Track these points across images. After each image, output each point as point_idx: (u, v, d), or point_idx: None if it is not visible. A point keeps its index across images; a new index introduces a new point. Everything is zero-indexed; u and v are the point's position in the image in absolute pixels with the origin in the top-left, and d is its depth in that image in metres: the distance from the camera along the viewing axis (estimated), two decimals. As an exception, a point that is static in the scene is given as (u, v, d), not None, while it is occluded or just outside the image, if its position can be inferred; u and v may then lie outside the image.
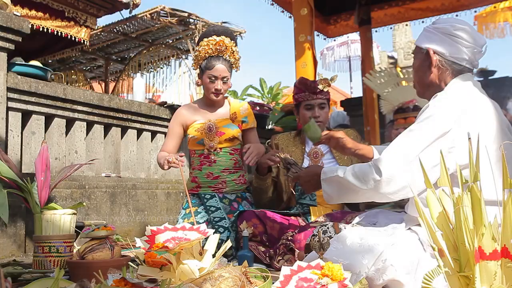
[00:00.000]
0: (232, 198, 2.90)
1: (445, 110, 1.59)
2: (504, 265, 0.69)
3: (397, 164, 1.57)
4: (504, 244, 0.69)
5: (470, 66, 1.75)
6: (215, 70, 2.83)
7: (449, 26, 1.73)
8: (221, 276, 1.07)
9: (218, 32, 2.92)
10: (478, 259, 0.68)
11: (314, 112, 2.74)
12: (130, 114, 4.56)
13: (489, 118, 1.61)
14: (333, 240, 1.57)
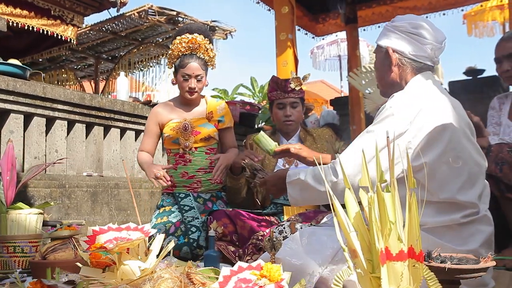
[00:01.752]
0: (206, 198, 2.88)
1: (401, 111, 1.57)
2: (410, 266, 0.68)
3: (355, 166, 1.55)
4: (411, 245, 0.67)
5: (430, 63, 1.74)
6: (188, 68, 2.80)
7: (407, 23, 1.72)
8: (160, 277, 1.06)
9: (191, 30, 2.90)
10: (385, 260, 0.67)
11: (286, 111, 2.72)
12: (113, 113, 4.54)
13: (446, 117, 1.59)
14: (288, 240, 1.55)
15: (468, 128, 1.67)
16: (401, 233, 0.67)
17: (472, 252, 1.50)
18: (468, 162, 1.57)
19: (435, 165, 1.53)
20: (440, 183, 1.52)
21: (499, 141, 2.30)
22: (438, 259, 1.12)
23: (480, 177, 1.61)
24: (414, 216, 0.68)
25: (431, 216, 1.53)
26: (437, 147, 1.54)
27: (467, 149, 1.59)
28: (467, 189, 1.53)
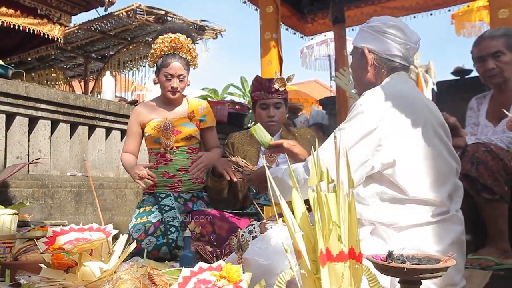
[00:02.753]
0: (187, 198, 2.87)
1: (370, 108, 1.58)
2: (352, 267, 0.67)
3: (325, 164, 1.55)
4: (351, 245, 0.67)
5: (405, 63, 1.75)
6: (171, 68, 2.80)
7: (382, 24, 1.73)
8: (120, 278, 1.05)
9: (173, 29, 2.89)
10: (326, 260, 0.67)
11: (269, 112, 2.72)
12: (98, 112, 4.51)
13: (416, 116, 1.59)
14: (257, 240, 1.55)
15: (441, 127, 1.68)
16: (343, 234, 0.66)
17: (441, 252, 1.50)
18: (438, 161, 1.57)
19: (404, 163, 1.53)
20: (410, 181, 1.53)
21: (476, 141, 2.31)
22: (399, 259, 1.12)
23: (451, 177, 1.62)
24: (354, 216, 0.68)
25: (401, 215, 1.53)
26: (406, 145, 1.55)
27: (438, 148, 1.59)
28: (437, 187, 1.54)
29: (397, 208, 1.53)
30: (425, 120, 1.59)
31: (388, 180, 1.55)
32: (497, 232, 2.21)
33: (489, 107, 2.57)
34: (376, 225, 1.55)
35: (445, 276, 1.50)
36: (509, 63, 2.44)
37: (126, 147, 2.97)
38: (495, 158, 2.16)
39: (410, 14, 6.50)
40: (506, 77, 2.47)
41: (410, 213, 1.52)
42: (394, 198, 1.54)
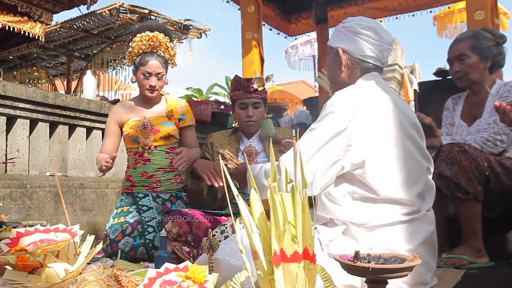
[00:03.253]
0: (166, 198, 2.85)
1: (340, 109, 1.58)
2: (306, 267, 0.67)
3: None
4: (305, 246, 0.67)
5: (378, 64, 1.76)
6: (149, 66, 2.78)
7: (356, 24, 1.74)
8: (84, 280, 1.04)
9: (151, 28, 2.88)
10: (280, 261, 0.66)
11: (247, 112, 2.71)
12: (79, 112, 4.47)
13: (387, 116, 1.60)
14: (229, 240, 1.54)
15: (414, 128, 1.69)
16: (298, 235, 0.66)
17: (412, 251, 1.51)
18: (408, 161, 1.58)
19: (374, 163, 1.54)
20: (380, 181, 1.53)
21: (451, 141, 2.33)
22: (365, 259, 1.13)
23: (422, 177, 1.63)
24: (307, 217, 0.68)
25: (372, 215, 1.53)
26: (376, 145, 1.55)
27: (409, 148, 1.60)
28: (407, 187, 1.55)
29: (368, 207, 1.54)
30: (396, 120, 1.60)
31: (359, 180, 1.56)
32: (470, 231, 2.23)
33: (464, 107, 2.60)
34: (348, 225, 1.55)
35: (416, 275, 1.51)
36: (474, 65, 2.46)
37: (103, 147, 2.94)
38: (469, 158, 2.19)
39: (392, 15, 6.54)
40: (472, 79, 2.49)
41: (381, 213, 1.53)
42: (365, 197, 1.55)
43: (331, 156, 1.55)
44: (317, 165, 1.54)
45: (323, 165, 1.54)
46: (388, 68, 17.23)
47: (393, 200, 1.54)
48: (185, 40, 9.06)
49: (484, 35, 2.47)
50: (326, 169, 1.55)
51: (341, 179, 1.59)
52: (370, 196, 1.54)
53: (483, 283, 1.86)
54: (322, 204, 1.62)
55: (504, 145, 2.32)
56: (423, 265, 1.55)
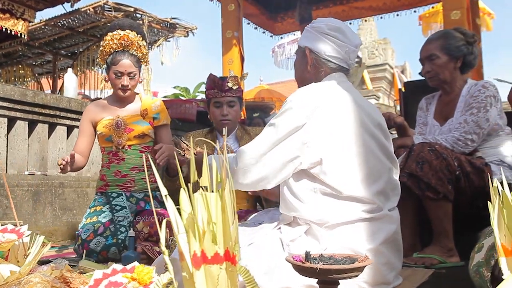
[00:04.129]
0: (139, 197, 2.83)
1: (299, 105, 1.59)
2: (228, 269, 0.66)
3: (252, 156, 1.56)
4: (227, 247, 0.66)
5: (344, 65, 1.76)
6: (120, 65, 2.74)
7: (324, 25, 1.75)
8: (29, 281, 1.02)
9: (123, 26, 2.83)
10: (201, 263, 0.65)
11: (222, 110, 2.69)
12: (59, 110, 4.43)
13: (347, 115, 1.61)
14: None
15: (378, 128, 1.68)
16: (219, 236, 0.65)
17: (373, 250, 1.51)
18: (369, 160, 1.58)
19: (332, 161, 1.54)
20: (339, 179, 1.53)
21: (423, 140, 2.33)
22: (315, 260, 1.12)
23: (384, 175, 1.63)
24: (228, 218, 0.67)
25: (332, 213, 1.53)
26: (334, 143, 1.55)
27: (370, 147, 1.60)
28: (367, 186, 1.55)
29: (328, 205, 1.54)
30: (356, 119, 1.60)
31: (318, 179, 1.55)
32: (441, 231, 2.23)
33: (436, 107, 2.60)
34: (310, 225, 1.55)
35: (377, 274, 1.51)
36: (443, 65, 2.45)
37: (75, 146, 2.89)
38: (439, 158, 2.19)
39: (377, 14, 6.55)
40: (442, 79, 2.49)
41: (342, 210, 1.53)
42: (326, 194, 1.55)
43: (289, 152, 1.55)
44: (274, 160, 1.54)
45: (280, 160, 1.54)
46: (379, 68, 17.26)
47: (353, 198, 1.54)
48: (172, 38, 9.03)
49: (454, 35, 2.47)
50: (283, 165, 1.55)
51: (303, 175, 1.58)
52: (331, 192, 1.54)
53: (449, 282, 1.86)
54: (284, 200, 1.62)
55: (474, 144, 2.32)
56: (386, 265, 1.55)
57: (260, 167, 1.55)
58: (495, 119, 2.34)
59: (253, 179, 1.57)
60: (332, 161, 1.53)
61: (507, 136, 2.40)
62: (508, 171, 2.29)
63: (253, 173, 1.56)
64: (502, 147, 2.37)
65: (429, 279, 1.87)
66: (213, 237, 0.64)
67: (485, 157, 2.34)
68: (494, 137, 2.38)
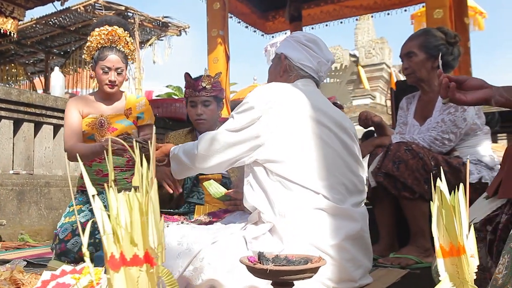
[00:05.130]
0: (121, 196, 2.81)
1: (256, 101, 1.63)
2: (148, 271, 0.64)
3: (211, 143, 1.65)
4: (146, 249, 0.64)
5: (315, 75, 1.83)
6: (108, 60, 2.69)
7: (302, 36, 1.85)
8: (-24, 282, 1.00)
9: (110, 22, 2.80)
10: (120, 265, 0.64)
11: (197, 110, 2.68)
12: (45, 109, 4.41)
13: (303, 114, 1.63)
14: None
15: (338, 127, 1.70)
16: (138, 237, 0.63)
17: (336, 246, 1.50)
18: (326, 155, 1.60)
19: (289, 154, 1.57)
20: (296, 172, 1.55)
21: (400, 140, 2.32)
22: (268, 261, 1.10)
23: (345, 171, 1.63)
24: (147, 219, 0.65)
25: (288, 206, 1.54)
26: (290, 137, 1.59)
27: (328, 143, 1.62)
28: (324, 179, 1.57)
29: (285, 198, 1.55)
30: (314, 117, 1.63)
31: (276, 173, 1.56)
32: (418, 231, 2.22)
33: (417, 106, 2.59)
34: (274, 223, 1.54)
35: (342, 271, 1.50)
36: (421, 63, 2.44)
37: (70, 140, 2.73)
38: (415, 157, 2.18)
39: (368, 13, 6.55)
40: (419, 77, 2.48)
41: (298, 203, 1.54)
42: (282, 188, 1.57)
43: (245, 144, 1.61)
44: (231, 150, 1.62)
45: (237, 151, 1.62)
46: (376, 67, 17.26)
47: (310, 191, 1.55)
48: (164, 37, 9.01)
49: (434, 34, 2.45)
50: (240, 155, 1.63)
51: (261, 169, 1.62)
52: (287, 185, 1.56)
53: (422, 283, 1.85)
54: (245, 193, 1.66)
55: (452, 144, 2.31)
56: (350, 261, 1.54)
57: (218, 156, 1.64)
58: (472, 119, 2.33)
59: (211, 164, 1.67)
60: (288, 155, 1.57)
61: (485, 136, 2.39)
62: (485, 171, 2.28)
63: (212, 160, 1.66)
64: (479, 146, 2.36)
65: (400, 279, 1.86)
66: (131, 239, 0.63)
67: (462, 156, 2.32)
68: (472, 137, 2.36)
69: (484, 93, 1.32)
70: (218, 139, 1.63)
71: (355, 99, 15.71)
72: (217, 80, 2.76)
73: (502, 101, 1.30)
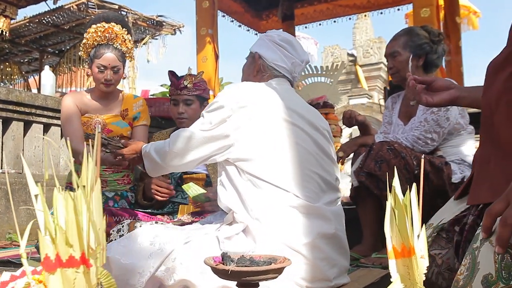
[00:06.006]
0: (109, 196, 2.78)
1: (226, 100, 1.62)
2: (85, 272, 0.63)
3: (181, 142, 1.64)
4: (83, 251, 0.63)
5: (288, 75, 1.81)
6: (104, 59, 2.62)
7: (277, 35, 1.81)
8: None
9: (107, 19, 2.73)
10: (56, 266, 0.62)
11: (178, 108, 2.66)
12: (34, 108, 4.38)
13: (273, 112, 1.62)
14: (124, 238, 1.54)
15: (311, 126, 1.69)
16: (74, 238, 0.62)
17: (309, 244, 1.49)
18: (297, 153, 1.59)
19: (259, 152, 1.56)
20: (266, 171, 1.54)
21: (384, 139, 2.31)
22: (232, 261, 1.09)
23: (317, 169, 1.62)
24: (79, 220, 0.64)
25: (260, 206, 1.53)
26: (260, 136, 1.58)
27: (298, 142, 1.61)
28: (293, 179, 1.55)
29: (256, 197, 1.54)
30: (284, 116, 1.62)
31: (247, 172, 1.56)
32: (400, 231, 2.20)
33: (401, 106, 2.58)
34: (247, 224, 1.53)
35: (316, 270, 1.50)
36: (405, 63, 2.43)
37: (73, 135, 2.66)
38: (398, 157, 2.17)
39: (361, 12, 6.54)
40: (403, 76, 2.46)
41: (268, 203, 1.53)
42: (252, 187, 1.56)
43: (212, 147, 1.61)
44: (202, 149, 1.61)
45: (208, 150, 1.61)
46: (374, 67, 17.27)
47: (280, 189, 1.54)
48: (158, 36, 8.99)
49: (418, 33, 2.44)
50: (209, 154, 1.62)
51: (232, 168, 1.61)
52: (257, 184, 1.55)
53: (401, 283, 1.83)
54: (219, 193, 1.66)
55: (435, 143, 2.30)
56: (324, 260, 1.53)
57: (188, 154, 1.64)
58: (456, 118, 2.32)
59: (182, 162, 1.66)
60: (258, 154, 1.56)
61: (469, 135, 2.38)
62: (468, 170, 2.27)
63: (182, 157, 1.65)
64: (463, 146, 2.35)
65: (379, 280, 1.85)
66: (66, 240, 0.61)
67: (446, 156, 2.32)
68: (456, 136, 2.35)
69: (450, 94, 1.32)
70: (188, 137, 1.62)
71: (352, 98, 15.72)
72: (201, 80, 2.74)
73: (467, 101, 1.29)
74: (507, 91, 1.09)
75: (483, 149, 1.19)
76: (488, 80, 1.18)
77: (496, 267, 0.89)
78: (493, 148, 1.14)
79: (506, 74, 1.09)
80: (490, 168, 1.13)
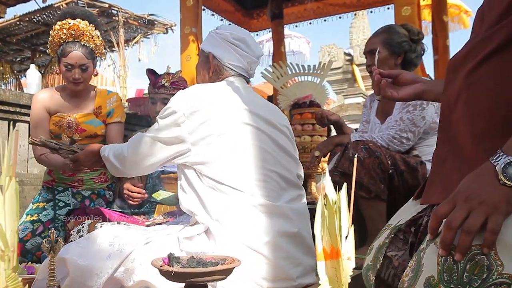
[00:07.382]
0: (86, 195, 2.76)
1: (179, 105, 1.60)
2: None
3: (138, 147, 1.63)
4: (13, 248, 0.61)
5: (245, 74, 1.79)
6: (70, 57, 2.57)
7: (229, 33, 1.76)
8: None
9: (73, 15, 2.67)
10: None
11: (156, 107, 2.64)
12: (19, 107, 4.35)
13: (229, 113, 1.60)
14: (83, 239, 1.52)
15: (269, 124, 1.67)
16: None
17: (270, 243, 1.48)
18: (255, 154, 1.57)
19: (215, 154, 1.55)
20: (223, 172, 1.53)
21: (359, 138, 2.29)
22: (179, 262, 1.07)
23: (276, 167, 1.61)
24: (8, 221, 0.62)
25: (219, 208, 1.52)
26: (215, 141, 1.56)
27: (255, 141, 1.59)
28: (251, 180, 1.54)
29: (219, 203, 1.52)
30: (242, 120, 1.60)
31: (205, 175, 1.54)
32: (374, 231, 2.19)
33: (379, 104, 2.56)
34: (208, 225, 1.52)
35: (278, 270, 1.48)
36: (383, 61, 2.39)
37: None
38: (372, 156, 2.15)
39: (351, 11, 6.51)
40: None
41: (232, 209, 1.52)
42: (211, 188, 1.54)
43: (170, 149, 1.59)
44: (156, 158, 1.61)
45: (164, 155, 1.60)
46: (371, 67, 17.24)
47: (238, 190, 1.53)
48: (150, 35, 8.97)
49: (397, 31, 2.43)
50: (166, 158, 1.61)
51: (190, 171, 1.60)
52: (215, 185, 1.54)
53: (371, 283, 1.82)
54: (179, 197, 1.64)
55: (410, 143, 2.28)
56: (286, 259, 1.52)
57: (146, 159, 1.63)
58: (432, 117, 2.30)
59: (140, 168, 1.67)
60: (215, 157, 1.54)
61: (446, 134, 2.36)
62: (444, 170, 2.25)
63: (140, 163, 1.65)
64: (439, 145, 2.32)
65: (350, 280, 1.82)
66: None
67: (422, 155, 2.30)
68: (432, 136, 2.34)
69: (415, 88, 1.30)
70: (145, 143, 1.61)
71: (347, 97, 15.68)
72: (180, 78, 2.71)
73: (432, 96, 1.27)
74: (466, 89, 1.07)
75: (440, 149, 1.17)
76: (448, 77, 1.16)
77: (439, 269, 0.87)
78: (450, 147, 1.12)
79: (466, 71, 1.07)
80: (445, 168, 1.11)
